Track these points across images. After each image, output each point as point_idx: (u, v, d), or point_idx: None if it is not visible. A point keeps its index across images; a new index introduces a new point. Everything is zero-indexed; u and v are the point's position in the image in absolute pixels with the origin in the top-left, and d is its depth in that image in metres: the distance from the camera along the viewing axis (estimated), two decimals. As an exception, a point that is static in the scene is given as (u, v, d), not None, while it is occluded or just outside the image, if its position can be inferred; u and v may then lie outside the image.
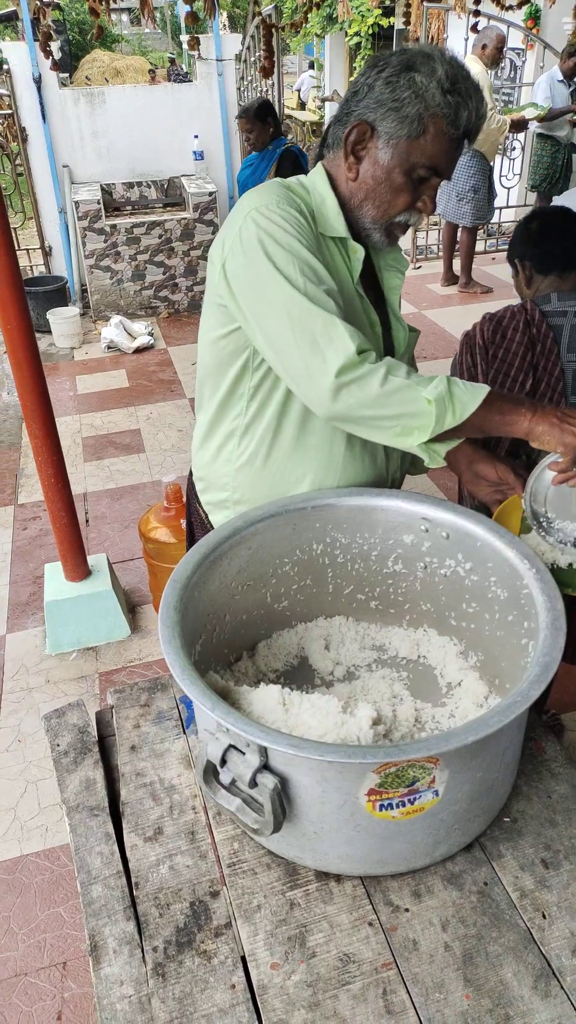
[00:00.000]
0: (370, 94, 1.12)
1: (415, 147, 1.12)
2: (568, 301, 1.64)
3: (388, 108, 1.11)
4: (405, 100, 1.09)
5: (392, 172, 1.14)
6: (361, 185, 1.17)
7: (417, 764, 0.84)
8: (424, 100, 1.09)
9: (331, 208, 1.19)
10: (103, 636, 2.67)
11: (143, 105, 5.79)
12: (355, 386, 1.04)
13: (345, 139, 1.15)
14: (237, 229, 1.13)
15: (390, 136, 1.12)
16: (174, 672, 0.91)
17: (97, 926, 0.92)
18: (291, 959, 0.88)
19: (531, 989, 0.85)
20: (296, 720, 0.95)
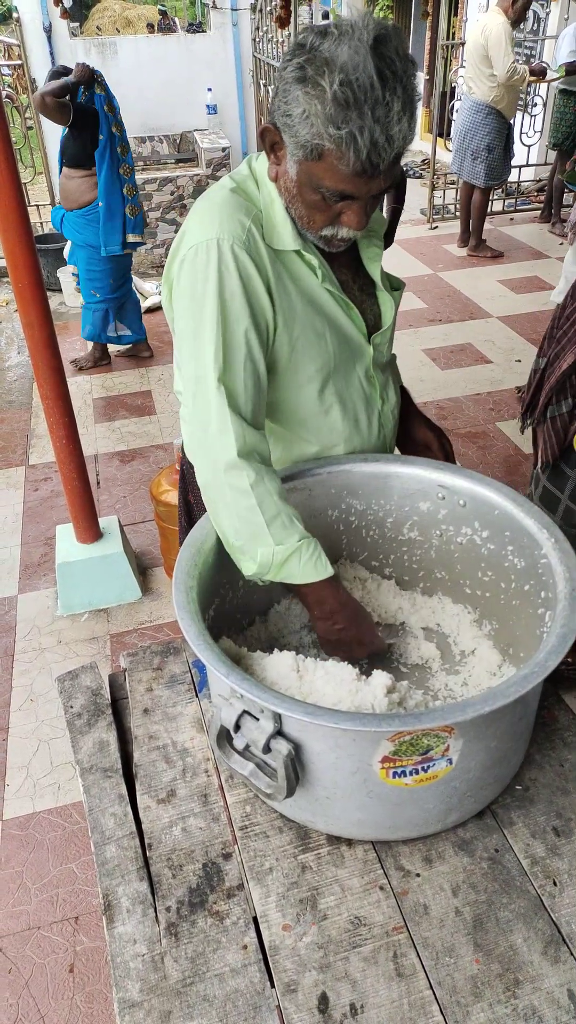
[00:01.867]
0: (278, 97, 0.96)
1: (316, 169, 0.96)
2: None
3: (285, 122, 0.95)
4: (296, 119, 0.93)
5: (302, 188, 1.00)
6: (283, 192, 1.06)
7: (432, 733, 0.84)
8: (311, 125, 0.91)
9: (278, 212, 1.07)
10: (114, 598, 2.69)
11: (155, 56, 5.63)
12: (229, 489, 1.03)
13: (260, 138, 1.02)
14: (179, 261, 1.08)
15: (291, 153, 0.98)
16: (188, 637, 0.90)
17: (111, 886, 0.93)
18: (302, 921, 0.89)
19: (541, 955, 0.86)
20: (310, 687, 0.94)
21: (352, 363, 1.22)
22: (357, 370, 1.23)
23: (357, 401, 1.24)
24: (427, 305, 4.86)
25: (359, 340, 1.21)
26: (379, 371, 1.27)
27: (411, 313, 4.70)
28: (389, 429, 1.31)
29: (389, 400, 1.30)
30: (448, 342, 4.43)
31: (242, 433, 1.04)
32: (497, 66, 4.76)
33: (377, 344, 1.24)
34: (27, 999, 1.62)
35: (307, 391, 1.18)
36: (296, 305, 1.12)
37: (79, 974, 1.66)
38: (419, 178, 7.60)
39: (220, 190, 1.10)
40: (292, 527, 1.04)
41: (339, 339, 1.18)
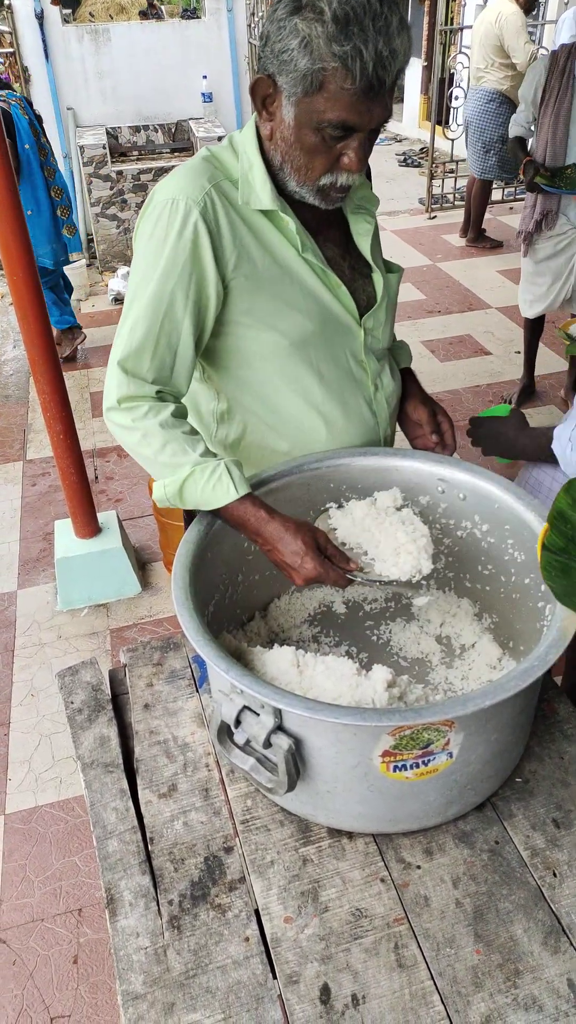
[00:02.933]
0: (268, 42, 0.97)
1: (316, 104, 0.96)
2: None
3: (281, 61, 0.95)
4: (293, 51, 0.93)
5: (300, 132, 1.00)
6: (277, 146, 1.05)
7: (432, 727, 0.84)
8: (311, 52, 0.92)
9: (258, 176, 1.07)
10: (114, 593, 2.69)
11: (149, 43, 5.56)
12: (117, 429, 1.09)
13: (252, 94, 1.02)
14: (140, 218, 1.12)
15: (289, 93, 0.97)
16: (188, 634, 0.90)
17: (113, 879, 0.94)
18: (304, 913, 0.89)
19: (541, 945, 0.87)
20: (310, 682, 0.95)
21: (338, 343, 1.19)
22: (345, 351, 1.20)
23: (344, 383, 1.21)
24: (426, 296, 4.84)
25: (347, 320, 1.19)
26: (372, 357, 1.24)
27: (410, 304, 4.68)
28: (384, 417, 1.28)
29: (384, 387, 1.27)
30: (447, 333, 4.42)
31: (126, 383, 1.07)
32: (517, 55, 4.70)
33: (369, 328, 1.21)
34: (32, 990, 1.63)
35: (274, 364, 1.16)
36: (263, 275, 1.11)
37: (83, 965, 1.67)
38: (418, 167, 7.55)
39: (192, 159, 1.13)
40: (184, 455, 1.04)
41: (321, 315, 1.16)
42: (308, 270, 1.14)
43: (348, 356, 1.21)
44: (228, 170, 1.10)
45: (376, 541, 1.07)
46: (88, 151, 5.15)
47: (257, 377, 1.18)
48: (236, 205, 1.09)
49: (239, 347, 1.15)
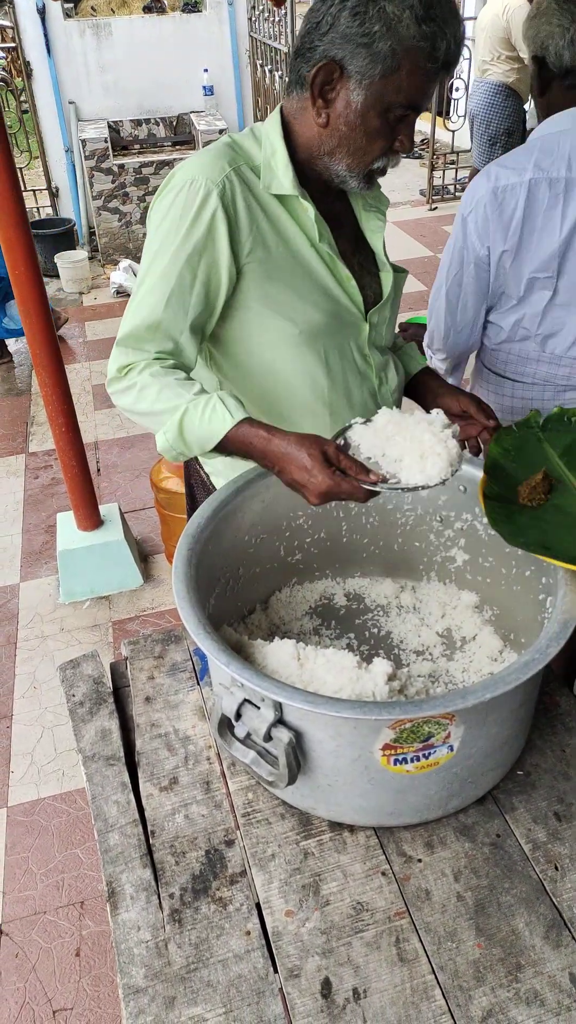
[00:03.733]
0: (335, 28, 1.00)
1: (390, 85, 1.01)
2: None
3: (357, 44, 0.99)
4: (376, 34, 0.98)
5: (367, 115, 1.03)
6: (333, 131, 1.07)
7: (433, 720, 0.84)
8: (397, 33, 0.97)
9: (280, 162, 1.09)
10: (116, 585, 2.69)
11: (150, 37, 5.53)
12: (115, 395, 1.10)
13: (311, 81, 1.04)
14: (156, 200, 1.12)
15: (362, 76, 1.01)
16: (189, 627, 0.90)
17: (114, 873, 0.94)
18: (305, 907, 0.89)
19: (542, 939, 0.86)
20: (311, 675, 0.94)
21: (345, 335, 1.20)
22: (351, 344, 1.21)
23: (350, 375, 1.22)
24: (426, 287, 4.82)
25: (353, 313, 1.20)
26: (376, 351, 1.25)
27: (411, 296, 4.66)
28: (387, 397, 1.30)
29: (388, 382, 1.28)
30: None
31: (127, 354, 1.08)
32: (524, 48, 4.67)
33: (374, 323, 1.23)
34: (34, 983, 1.64)
35: (282, 352, 1.16)
36: (276, 261, 1.12)
37: (85, 958, 1.68)
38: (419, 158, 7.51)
39: (214, 144, 1.13)
40: (179, 397, 1.03)
41: (329, 307, 1.16)
42: (319, 261, 1.15)
43: (354, 349, 1.22)
44: (249, 156, 1.11)
45: (401, 449, 0.99)
46: (90, 145, 5.13)
47: (263, 366, 1.18)
48: (255, 191, 1.10)
49: (247, 334, 1.15)
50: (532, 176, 1.41)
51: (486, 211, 1.46)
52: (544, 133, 1.46)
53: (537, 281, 1.47)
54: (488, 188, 1.45)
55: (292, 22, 4.55)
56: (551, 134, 1.44)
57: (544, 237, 1.43)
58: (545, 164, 1.41)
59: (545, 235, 1.43)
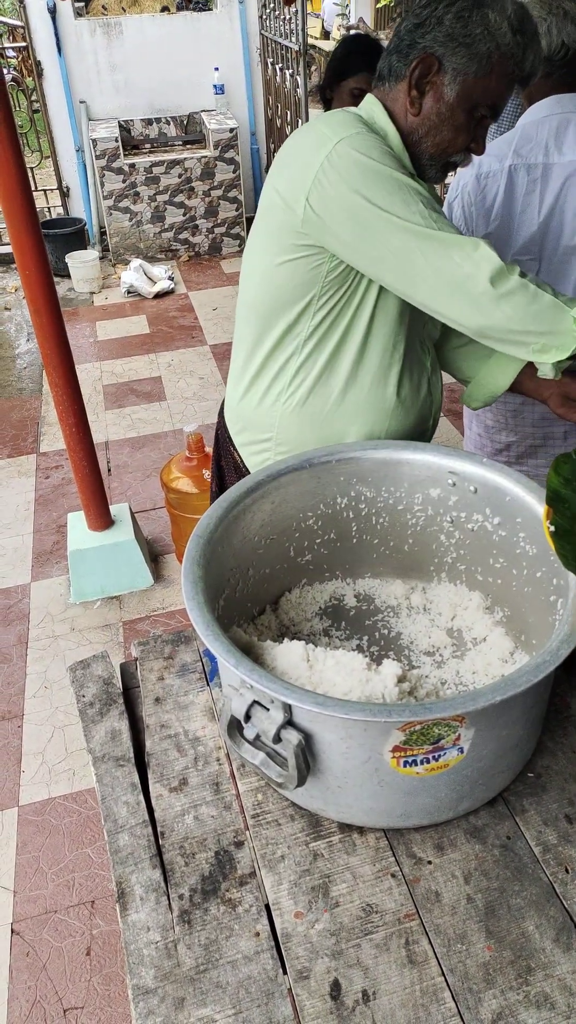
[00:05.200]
0: (439, 27, 1.09)
1: (480, 85, 1.10)
2: None
3: (459, 43, 1.09)
4: (477, 37, 1.08)
5: (455, 109, 1.12)
6: (424, 121, 1.15)
7: (443, 722, 0.83)
8: (495, 38, 1.08)
9: (395, 143, 1.17)
10: (126, 585, 2.70)
11: (161, 36, 5.53)
12: (507, 299, 1.03)
13: (410, 72, 1.12)
14: (323, 159, 1.08)
15: (458, 72, 1.10)
16: (198, 628, 0.90)
17: (124, 873, 0.94)
18: (314, 908, 0.89)
19: (553, 942, 0.86)
20: (320, 677, 0.94)
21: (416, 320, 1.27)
22: (419, 330, 1.29)
23: (414, 359, 1.30)
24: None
25: None
26: (429, 341, 1.33)
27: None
28: (437, 399, 1.38)
29: (436, 372, 1.36)
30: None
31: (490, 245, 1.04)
32: None
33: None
34: (45, 982, 1.65)
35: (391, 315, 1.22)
36: None
37: (96, 957, 1.68)
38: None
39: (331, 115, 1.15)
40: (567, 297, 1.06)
41: None
42: None
43: (419, 336, 1.30)
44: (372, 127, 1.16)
45: None
46: (100, 144, 5.14)
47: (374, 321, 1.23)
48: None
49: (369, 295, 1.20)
50: (511, 162, 1.49)
51: (470, 196, 1.53)
52: (526, 121, 1.52)
53: (520, 263, 1.53)
54: (471, 174, 1.54)
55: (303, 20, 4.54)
56: (531, 122, 1.50)
57: (524, 221, 1.51)
58: (524, 151, 1.48)
59: (525, 219, 1.50)
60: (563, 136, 1.47)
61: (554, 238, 1.52)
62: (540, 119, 1.50)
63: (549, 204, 1.49)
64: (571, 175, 1.46)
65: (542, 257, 1.56)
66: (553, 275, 1.56)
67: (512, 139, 1.52)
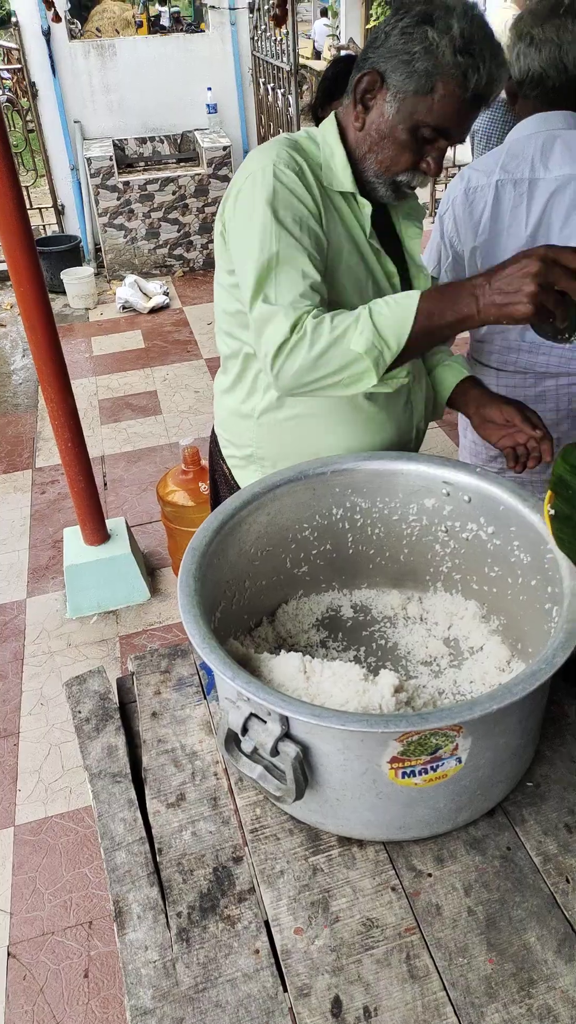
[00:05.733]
0: (386, 42, 1.07)
1: (422, 105, 1.07)
2: None
3: (399, 60, 1.06)
4: (416, 54, 1.04)
5: (396, 127, 1.10)
6: (366, 136, 1.14)
7: (440, 732, 0.83)
8: (434, 57, 1.03)
9: (339, 161, 1.15)
10: (123, 599, 2.69)
11: (154, 57, 5.61)
12: (287, 359, 1.04)
13: (355, 86, 1.11)
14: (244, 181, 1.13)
15: (398, 89, 1.07)
16: (194, 641, 0.89)
17: (121, 892, 0.93)
18: (314, 924, 0.88)
19: (555, 953, 0.85)
20: (317, 688, 0.94)
21: None
22: None
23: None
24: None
25: None
26: None
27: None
28: (419, 409, 1.35)
29: (420, 383, 1.33)
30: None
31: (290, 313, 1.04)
32: None
33: None
34: (42, 1005, 1.62)
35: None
36: (343, 244, 1.17)
37: (94, 979, 1.66)
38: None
39: (271, 141, 1.17)
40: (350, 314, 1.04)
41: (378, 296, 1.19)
42: (372, 254, 1.21)
43: None
44: (311, 151, 1.17)
45: None
46: (95, 163, 5.19)
47: None
48: (320, 181, 1.15)
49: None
50: (499, 177, 1.52)
51: (459, 210, 1.58)
52: (514, 138, 1.57)
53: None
54: (461, 188, 1.58)
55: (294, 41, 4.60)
56: (518, 138, 1.55)
57: (512, 234, 1.54)
58: (511, 166, 1.52)
59: (512, 232, 1.54)
60: (549, 152, 1.50)
61: None
62: (527, 135, 1.54)
63: (535, 219, 1.52)
64: (556, 191, 1.49)
65: None
66: None
67: (500, 154, 1.55)
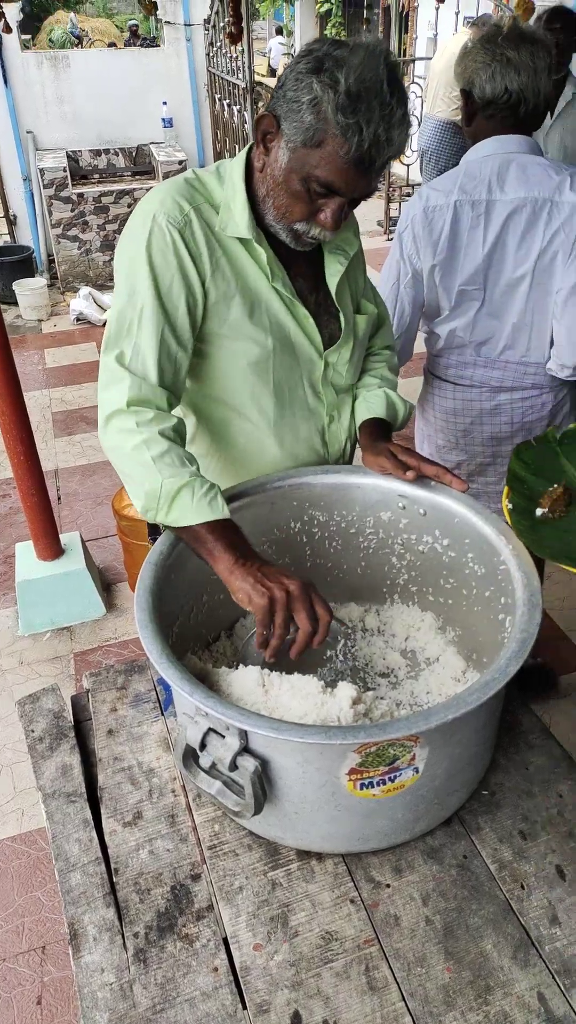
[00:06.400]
0: (283, 86, 1.02)
1: (310, 157, 1.01)
2: None
3: (290, 107, 1.00)
4: (303, 105, 0.98)
5: (289, 176, 1.04)
6: (263, 180, 1.09)
7: (397, 743, 0.84)
8: (318, 111, 0.97)
9: (239, 204, 1.10)
10: (77, 616, 2.64)
11: (109, 70, 5.60)
12: (113, 433, 1.05)
13: (255, 127, 1.07)
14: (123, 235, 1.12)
15: (288, 138, 1.02)
16: (151, 657, 0.89)
17: (76, 914, 0.91)
18: (273, 939, 0.88)
19: (511, 959, 0.86)
20: (276, 702, 0.94)
21: (298, 371, 1.22)
22: (304, 379, 1.23)
23: (299, 409, 1.24)
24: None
25: (309, 351, 1.22)
26: (331, 389, 1.27)
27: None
28: (336, 450, 1.31)
29: (340, 420, 1.29)
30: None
31: (137, 385, 1.05)
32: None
33: (332, 362, 1.24)
34: (-6, 1033, 1.57)
35: (237, 381, 1.18)
36: (235, 295, 1.13)
37: (47, 1006, 1.61)
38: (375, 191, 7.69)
39: (177, 178, 1.14)
40: (184, 466, 1.02)
41: (284, 342, 1.19)
42: (277, 299, 1.17)
43: (306, 385, 1.24)
44: (211, 194, 1.13)
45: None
46: (48, 174, 5.15)
47: (216, 392, 1.19)
48: (215, 229, 1.11)
49: (204, 360, 1.17)
50: (457, 198, 1.57)
51: (419, 229, 1.62)
52: (470, 159, 1.62)
53: (467, 293, 1.65)
54: (420, 208, 1.62)
55: (249, 58, 4.65)
56: (475, 160, 1.60)
57: (469, 253, 1.60)
58: (468, 187, 1.57)
59: (470, 251, 1.60)
60: (505, 175, 1.55)
61: (497, 272, 1.61)
62: (483, 157, 1.59)
63: (492, 239, 1.57)
64: (512, 212, 1.55)
65: (486, 288, 1.63)
66: (497, 306, 1.64)
67: (457, 175, 1.60)
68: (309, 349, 1.21)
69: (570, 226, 1.52)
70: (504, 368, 1.71)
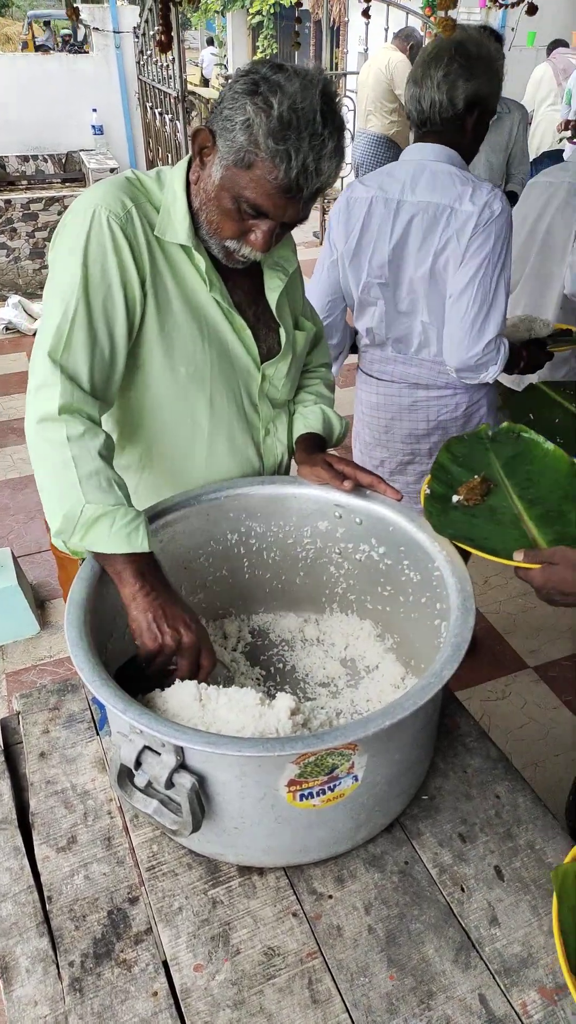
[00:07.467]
0: (220, 103, 1.02)
1: (241, 178, 1.01)
2: None
3: (224, 126, 1.00)
4: (237, 125, 0.98)
5: (220, 193, 1.04)
6: (199, 192, 1.09)
7: (336, 752, 0.84)
8: (249, 133, 0.97)
9: (179, 211, 1.10)
10: (9, 634, 2.56)
11: (35, 74, 5.51)
12: (40, 438, 1.00)
13: (192, 139, 1.06)
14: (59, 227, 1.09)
15: (221, 156, 1.02)
16: (83, 675, 0.86)
17: (7, 946, 0.87)
18: (215, 959, 0.86)
19: (452, 963, 0.87)
20: (213, 716, 0.92)
21: (235, 381, 1.21)
22: (240, 390, 1.23)
23: (235, 421, 1.23)
24: (321, 325, 4.95)
25: (246, 362, 1.21)
26: (267, 402, 1.27)
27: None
28: (272, 463, 1.31)
29: (275, 434, 1.30)
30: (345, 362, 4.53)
31: (69, 391, 1.01)
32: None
33: (268, 375, 1.24)
34: None
35: (171, 389, 1.16)
36: (172, 301, 1.12)
37: (-17, 1042, 1.54)
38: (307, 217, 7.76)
39: (115, 177, 1.12)
40: (111, 491, 0.98)
41: (221, 352, 1.18)
42: (216, 308, 1.16)
43: (243, 396, 1.23)
44: (150, 195, 1.12)
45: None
46: (-27, 179, 5.01)
47: (147, 401, 1.17)
48: (154, 230, 1.10)
49: (137, 368, 1.14)
50: (375, 194, 1.72)
51: (341, 215, 1.78)
52: (397, 162, 1.76)
53: (372, 286, 1.77)
54: (344, 197, 1.79)
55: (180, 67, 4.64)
56: (399, 163, 1.74)
57: (378, 247, 1.73)
58: (386, 186, 1.71)
59: (378, 246, 1.73)
60: (419, 179, 1.67)
61: (401, 268, 1.73)
62: (404, 161, 1.73)
63: (398, 236, 1.69)
64: (416, 214, 1.67)
65: (392, 283, 1.75)
66: (407, 304, 1.75)
67: (381, 175, 1.74)
68: (247, 360, 1.21)
69: (463, 234, 1.63)
70: (420, 366, 1.83)
